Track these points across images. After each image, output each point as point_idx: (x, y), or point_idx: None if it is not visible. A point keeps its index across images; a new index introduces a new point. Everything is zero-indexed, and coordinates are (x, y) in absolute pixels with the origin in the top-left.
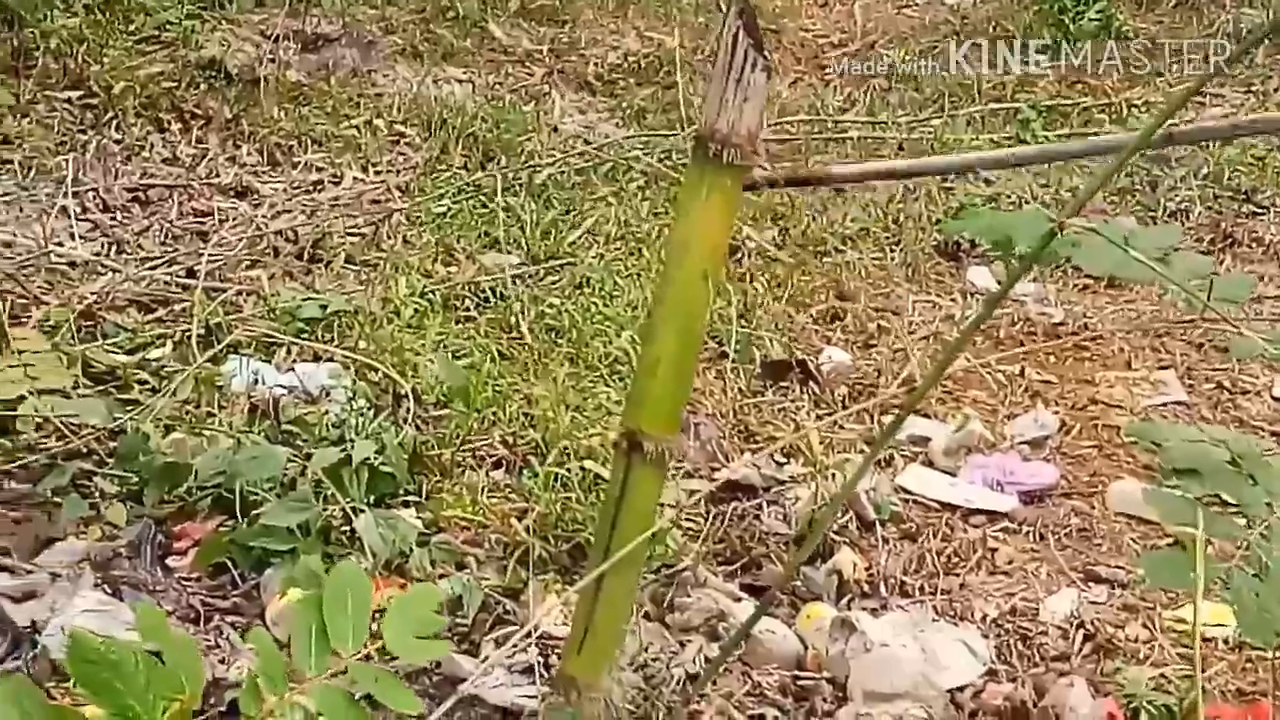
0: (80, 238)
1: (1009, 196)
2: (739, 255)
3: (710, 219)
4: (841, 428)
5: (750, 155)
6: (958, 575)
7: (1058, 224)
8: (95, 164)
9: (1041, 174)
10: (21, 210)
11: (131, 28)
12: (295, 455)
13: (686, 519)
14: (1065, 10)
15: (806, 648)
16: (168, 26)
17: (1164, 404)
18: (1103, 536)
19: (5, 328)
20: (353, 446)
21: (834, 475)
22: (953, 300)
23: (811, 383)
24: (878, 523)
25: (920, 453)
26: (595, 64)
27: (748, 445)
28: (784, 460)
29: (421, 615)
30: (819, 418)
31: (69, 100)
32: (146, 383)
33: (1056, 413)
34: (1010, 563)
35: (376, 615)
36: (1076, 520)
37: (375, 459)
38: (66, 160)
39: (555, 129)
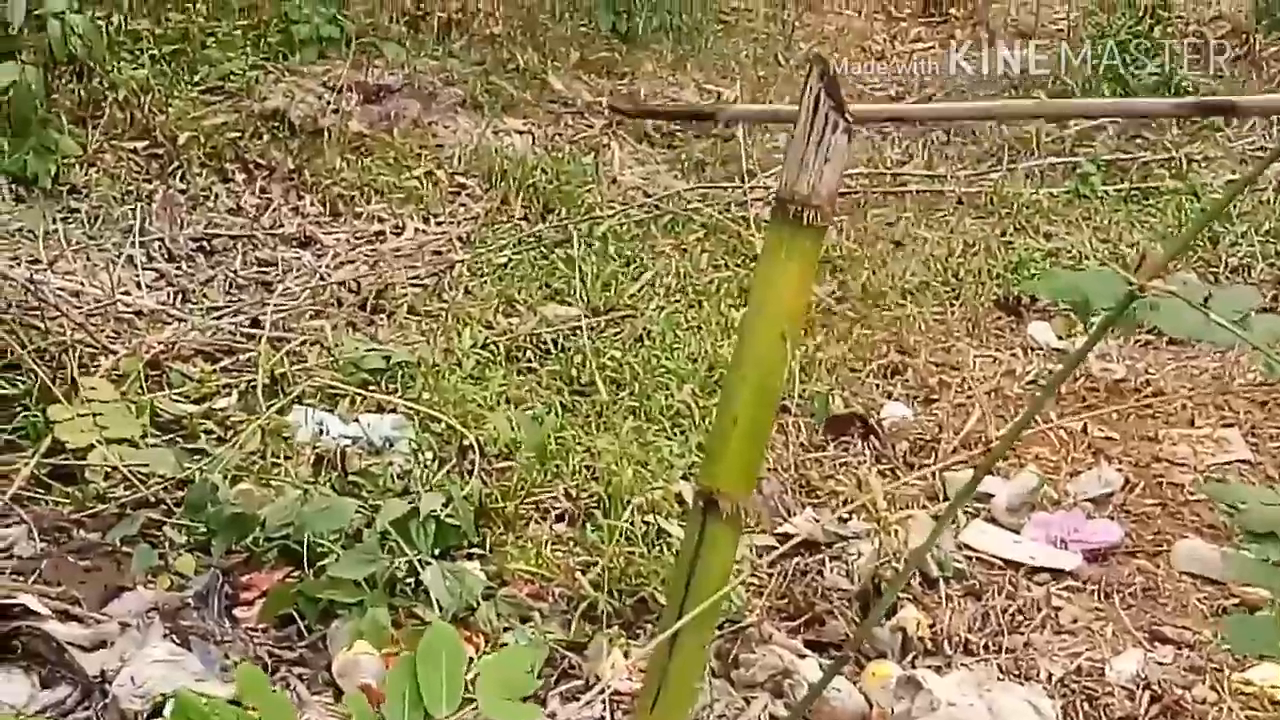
0: (146, 287)
1: (1068, 251)
2: None
3: (789, 280)
4: (905, 482)
5: (830, 216)
6: (1022, 634)
7: (1137, 287)
8: (161, 213)
9: (1101, 229)
10: (89, 259)
11: (197, 78)
12: (361, 507)
13: (750, 574)
14: (1125, 65)
15: (872, 706)
16: (232, 77)
17: (1228, 462)
18: (1168, 596)
19: (75, 377)
20: (419, 499)
21: (897, 531)
22: (1014, 355)
23: (873, 437)
24: (942, 580)
25: (983, 509)
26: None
27: (810, 500)
28: (846, 516)
29: (513, 677)
30: (881, 473)
31: (135, 150)
32: (212, 432)
33: (1120, 470)
34: (1075, 622)
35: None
36: (1141, 579)
37: (442, 512)
38: (133, 209)
39: (615, 180)
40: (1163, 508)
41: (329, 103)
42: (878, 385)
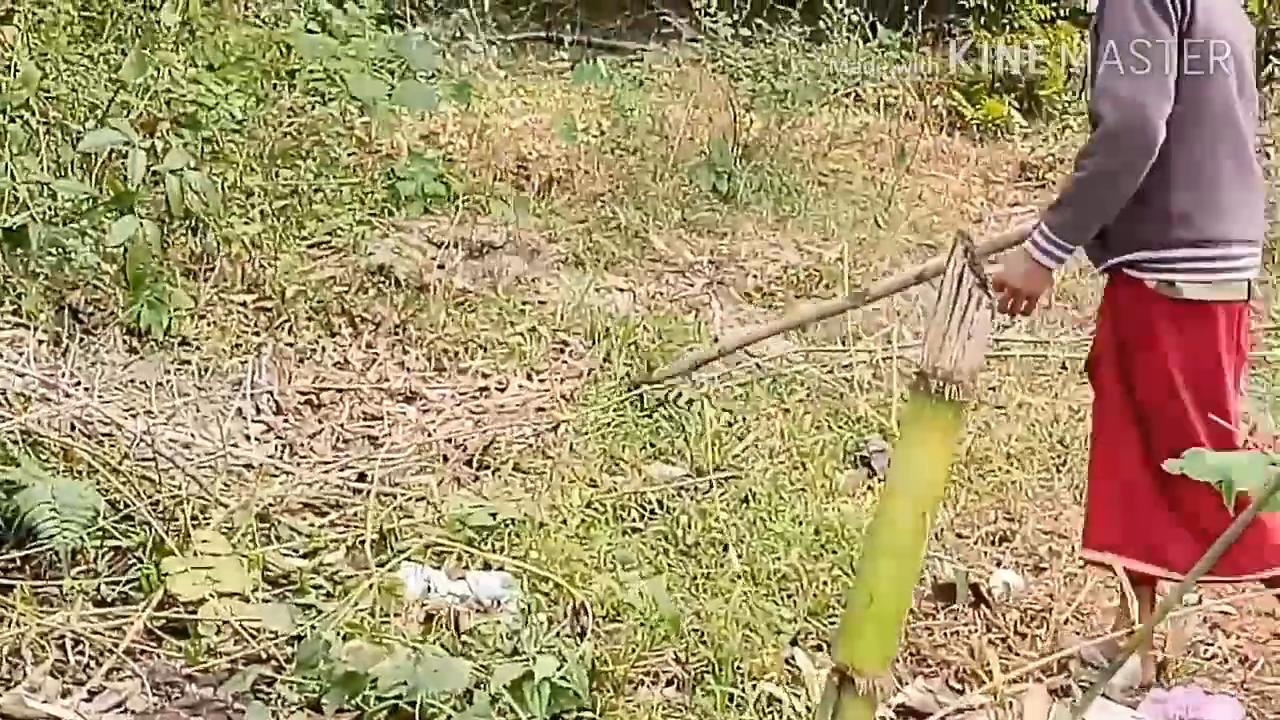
0: (255, 439)
1: None
2: None
3: (929, 456)
4: (1016, 654)
5: (972, 392)
6: None
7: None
8: (269, 366)
9: None
10: (199, 411)
11: (305, 233)
12: (474, 667)
13: None
14: None
15: None
16: (339, 232)
17: None
18: None
19: (188, 529)
20: (534, 661)
21: (1012, 704)
22: None
23: (983, 605)
24: None
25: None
26: (754, 275)
27: (920, 669)
28: (959, 687)
29: None
30: (991, 643)
31: (245, 304)
32: (322, 587)
33: (1238, 647)
34: None
35: None
36: None
37: (556, 674)
38: (242, 362)
39: (716, 339)
40: None
41: (434, 258)
42: (986, 553)
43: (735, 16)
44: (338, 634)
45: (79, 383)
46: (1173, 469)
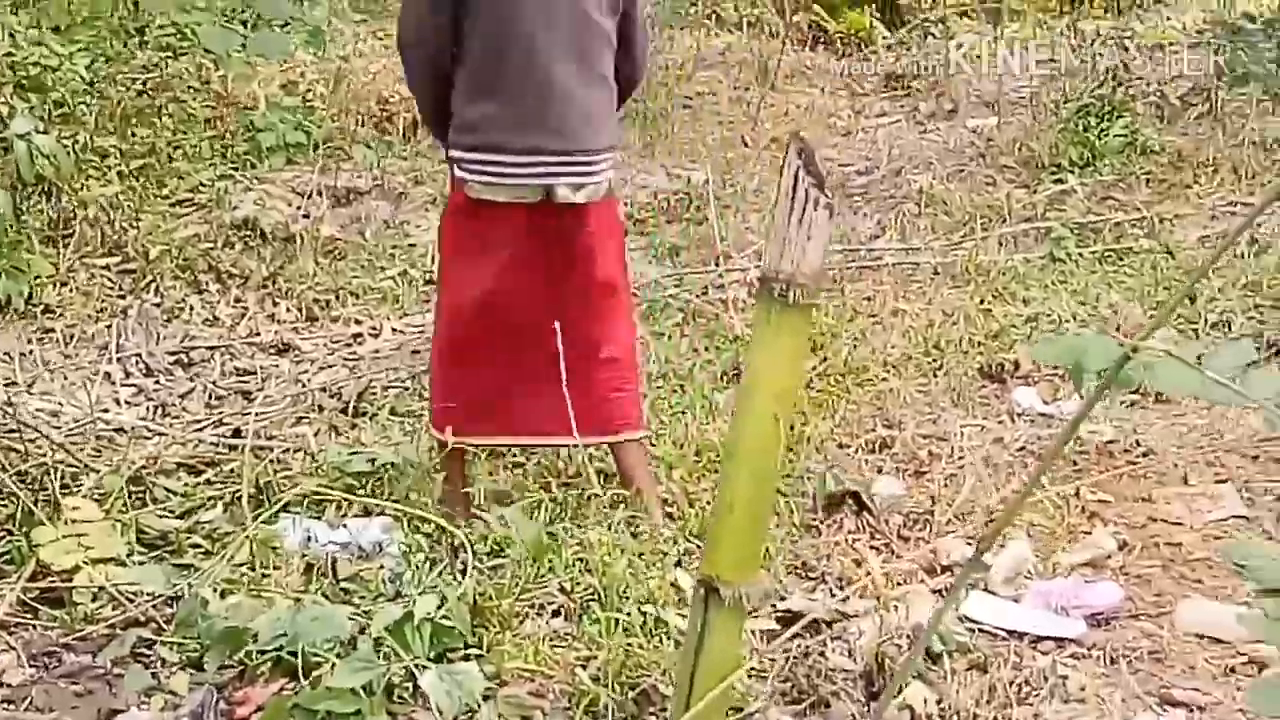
0: (125, 403)
1: (1047, 316)
2: None
3: (779, 360)
4: (899, 557)
5: (816, 294)
6: (1030, 704)
7: (1130, 348)
8: (136, 329)
9: (1078, 292)
10: (66, 379)
11: (165, 191)
12: (355, 613)
13: (752, 659)
14: (1090, 128)
15: None
16: (201, 188)
17: (1224, 519)
18: (1175, 658)
19: (58, 498)
20: (413, 603)
21: (897, 607)
22: (1000, 423)
23: (865, 514)
24: (945, 654)
25: (980, 579)
26: (626, 203)
27: (806, 579)
28: (845, 594)
29: None
30: (876, 549)
31: (108, 267)
32: (200, 546)
33: (1116, 533)
34: (1083, 689)
35: None
36: (1147, 643)
37: (437, 614)
38: (108, 326)
39: None
40: (1163, 569)
41: (299, 208)
42: (867, 461)
43: None
44: (215, 590)
45: None
46: (1035, 356)
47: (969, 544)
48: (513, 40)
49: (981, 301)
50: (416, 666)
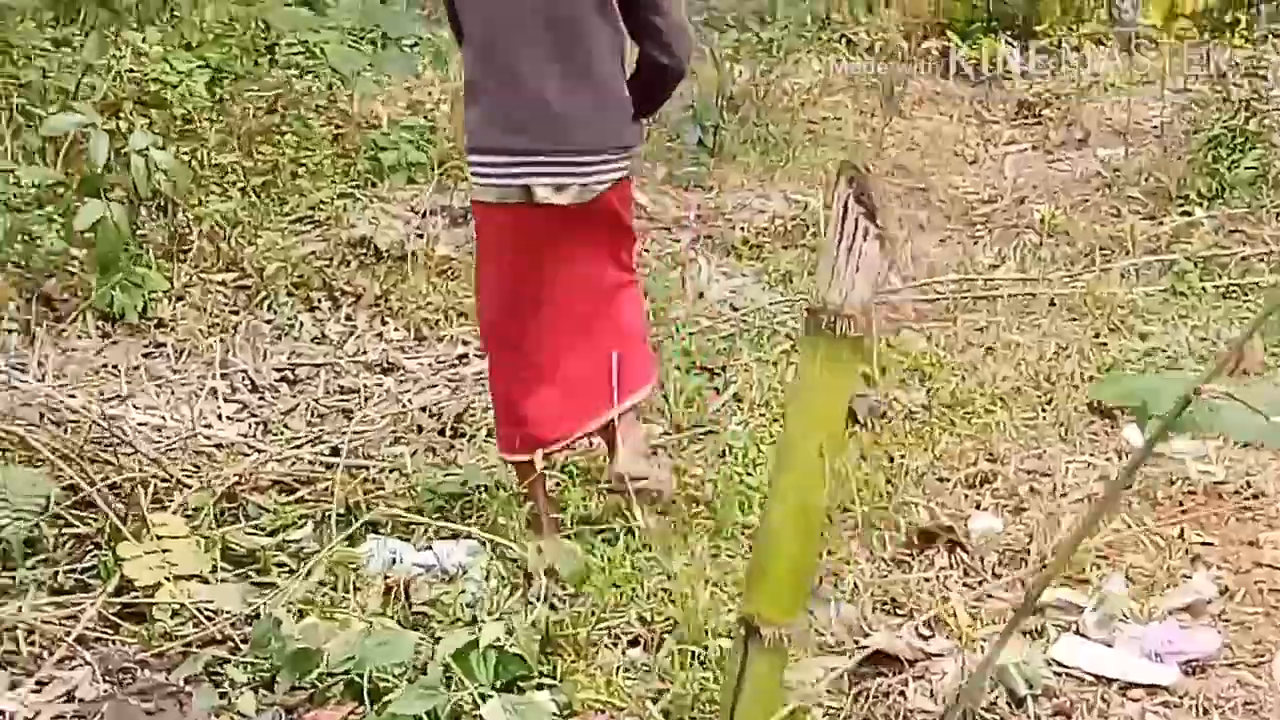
0: (228, 419)
1: (1164, 350)
2: (887, 418)
3: (825, 395)
4: (991, 597)
5: (865, 326)
6: None
7: (1192, 390)
8: (245, 345)
9: (1199, 327)
10: (173, 394)
11: (286, 209)
12: (425, 638)
13: (828, 697)
14: (1220, 159)
15: None
16: (321, 206)
17: None
18: (1271, 709)
19: (146, 513)
20: (480, 629)
21: (982, 648)
22: (1108, 460)
23: (960, 550)
24: (1029, 698)
25: (1073, 622)
26: (741, 228)
27: (893, 617)
28: (929, 633)
29: None
30: (967, 587)
31: (223, 283)
32: (285, 565)
33: (1218, 577)
34: None
35: None
36: (1242, 692)
37: (503, 641)
38: (219, 341)
39: (701, 295)
40: (1265, 615)
41: (416, 228)
42: (966, 495)
43: None
44: (290, 611)
45: (47, 372)
46: (1093, 395)
47: (1065, 584)
48: (493, 42)
49: (1097, 335)
50: (481, 695)
